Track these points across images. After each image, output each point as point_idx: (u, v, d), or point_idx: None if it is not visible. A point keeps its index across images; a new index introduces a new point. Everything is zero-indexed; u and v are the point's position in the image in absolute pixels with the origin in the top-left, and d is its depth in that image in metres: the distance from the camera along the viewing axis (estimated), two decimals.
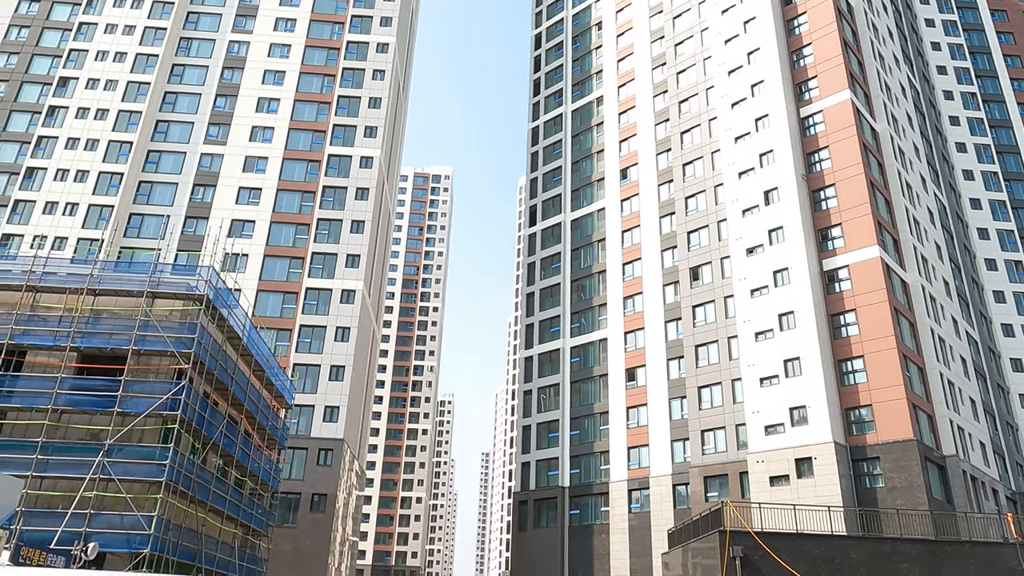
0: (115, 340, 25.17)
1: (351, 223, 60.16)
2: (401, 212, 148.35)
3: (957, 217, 65.74)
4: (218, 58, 66.38)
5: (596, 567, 54.41)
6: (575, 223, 67.95)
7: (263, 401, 33.73)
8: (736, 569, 22.03)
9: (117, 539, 22.58)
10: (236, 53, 66.65)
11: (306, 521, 50.65)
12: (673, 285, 57.54)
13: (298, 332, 56.43)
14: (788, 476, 43.68)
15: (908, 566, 22.20)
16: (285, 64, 66.10)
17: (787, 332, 46.73)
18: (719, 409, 50.79)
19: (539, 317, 66.71)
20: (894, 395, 43.16)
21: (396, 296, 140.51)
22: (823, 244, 49.38)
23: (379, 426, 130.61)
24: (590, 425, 59.44)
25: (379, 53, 67.66)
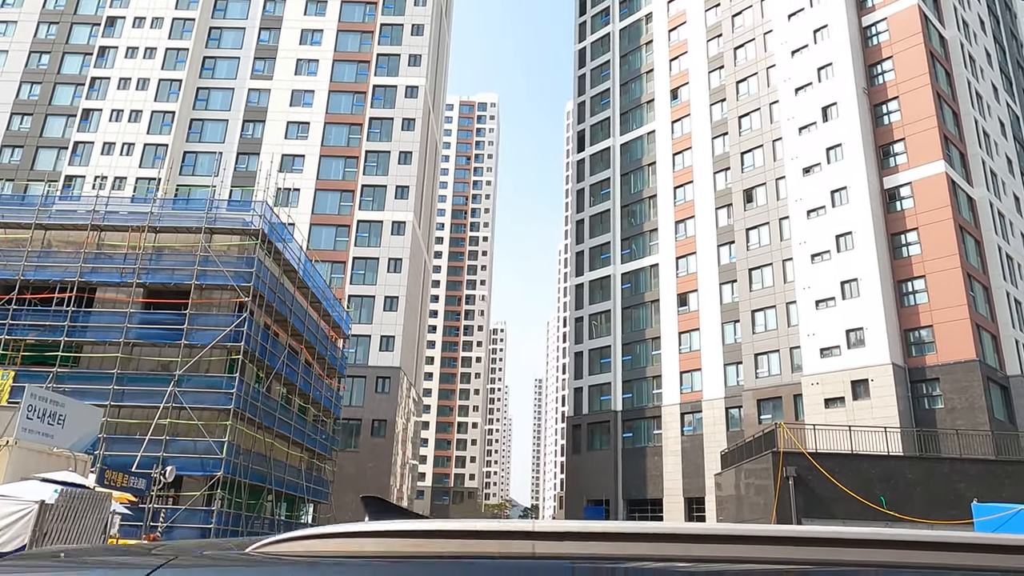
0: (177, 276, 26.08)
1: (399, 154, 60.15)
2: (448, 142, 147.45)
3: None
4: None
5: (649, 487, 55.52)
6: (624, 147, 66.60)
7: (321, 331, 34.73)
8: (789, 489, 22.23)
9: (192, 463, 23.96)
10: None
11: (367, 445, 52.66)
12: (726, 208, 56.36)
13: (351, 264, 57.42)
14: (843, 398, 43.34)
15: (966, 485, 22.05)
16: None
17: (844, 253, 45.56)
18: (773, 332, 50.31)
19: (589, 244, 66.37)
20: (957, 315, 42.03)
21: (446, 226, 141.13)
22: (884, 161, 47.47)
23: (434, 355, 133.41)
24: (642, 350, 59.64)
25: None
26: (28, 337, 25.41)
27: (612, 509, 57.29)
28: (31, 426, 14.48)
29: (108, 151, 59.61)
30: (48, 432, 15.03)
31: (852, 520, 22.39)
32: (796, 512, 22.08)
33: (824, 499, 22.50)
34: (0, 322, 25.38)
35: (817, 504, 22.52)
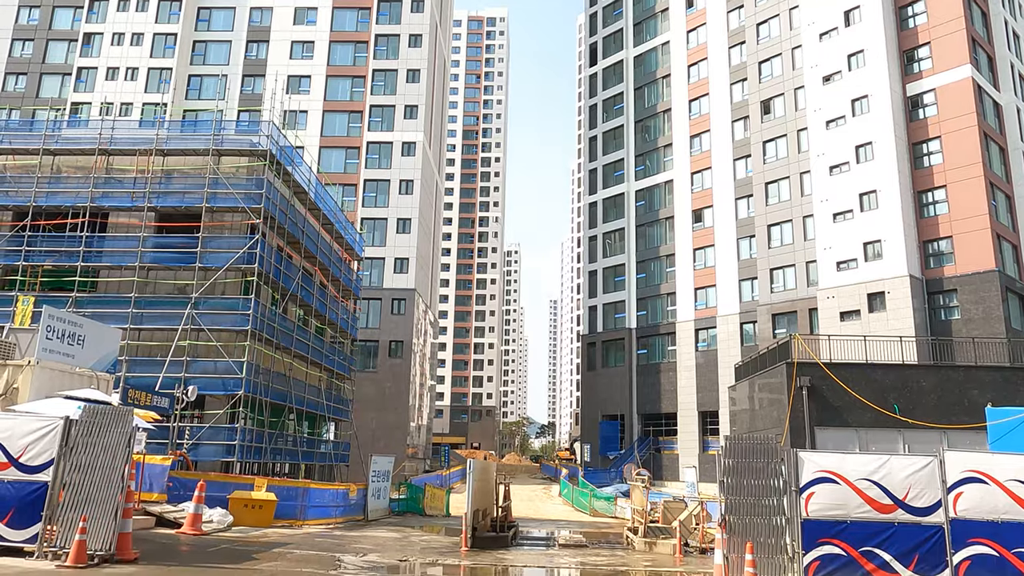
0: (188, 199, 25.97)
1: (407, 72, 58.79)
2: (457, 60, 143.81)
3: None
4: None
5: (664, 402, 56.35)
6: (638, 60, 64.65)
7: (334, 253, 34.75)
8: (803, 399, 22.42)
9: (213, 383, 24.44)
10: None
11: (385, 366, 53.53)
12: (743, 120, 55.02)
13: (363, 187, 57.03)
14: (859, 311, 43.24)
15: (979, 392, 22.12)
16: None
17: (864, 164, 44.59)
18: (789, 247, 49.87)
19: (602, 161, 65.35)
20: (977, 225, 41.37)
21: (457, 147, 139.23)
22: (908, 67, 45.83)
23: (449, 277, 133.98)
24: (656, 268, 59.47)
25: None
26: (45, 263, 25.61)
27: (627, 424, 58.38)
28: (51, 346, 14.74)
29: (112, 76, 58.66)
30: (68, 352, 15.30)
31: (865, 428, 22.66)
32: (809, 422, 22.34)
33: (837, 408, 22.70)
34: (16, 249, 25.56)
35: (831, 414, 22.75)
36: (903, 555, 11.19)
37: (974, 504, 11.29)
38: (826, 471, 11.52)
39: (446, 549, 17.19)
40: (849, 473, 11.50)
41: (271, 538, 17.05)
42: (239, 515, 19.17)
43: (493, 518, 20.85)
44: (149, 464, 18.30)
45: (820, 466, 11.58)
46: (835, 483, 11.44)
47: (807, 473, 11.53)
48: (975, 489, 11.37)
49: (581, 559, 16.60)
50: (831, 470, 11.52)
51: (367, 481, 24.81)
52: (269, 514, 19.77)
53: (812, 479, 11.50)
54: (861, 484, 11.40)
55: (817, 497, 11.42)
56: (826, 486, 11.45)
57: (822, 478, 11.48)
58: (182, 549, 14.45)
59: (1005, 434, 14.39)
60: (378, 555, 15.42)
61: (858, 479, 11.42)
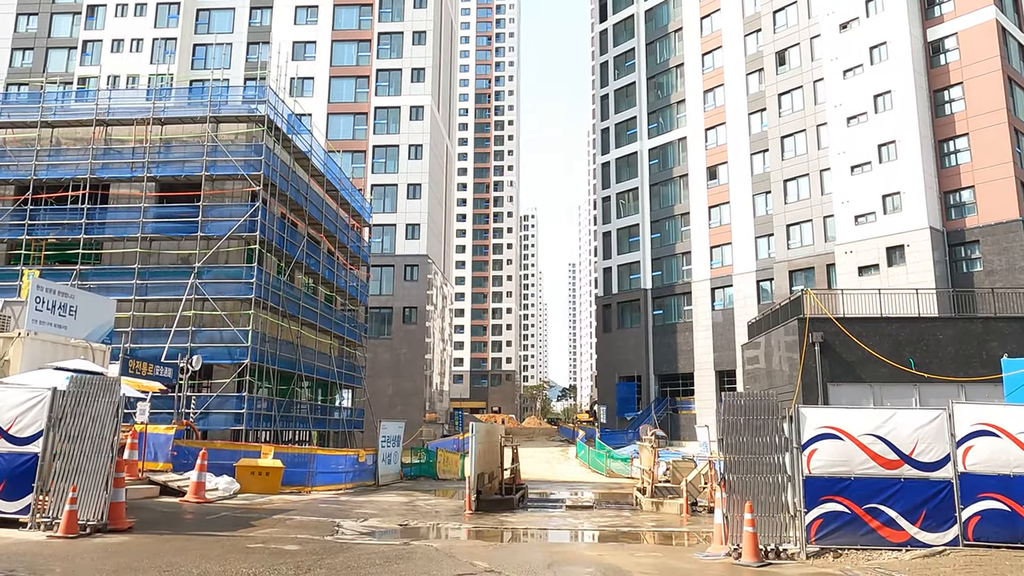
0: (188, 167, 25.70)
1: (412, 35, 57.76)
2: (467, 22, 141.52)
3: None
4: None
5: (680, 362, 55.95)
6: (649, 13, 62.98)
7: (341, 221, 34.46)
8: (815, 355, 21.91)
9: (219, 352, 24.41)
10: None
11: (400, 332, 53.53)
12: (757, 73, 53.54)
13: (372, 153, 56.48)
14: (878, 265, 42.32)
15: (998, 344, 21.46)
16: None
17: (883, 114, 43.24)
18: (806, 202, 48.80)
19: (615, 120, 64.16)
20: (1001, 173, 40.08)
21: (470, 112, 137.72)
22: (928, 11, 44.14)
23: (465, 243, 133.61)
24: (671, 227, 58.62)
25: None
26: (49, 236, 25.56)
27: (643, 385, 58.13)
28: (41, 317, 14.61)
29: (117, 48, 58.26)
30: (60, 323, 15.18)
31: (879, 383, 22.12)
32: (822, 378, 21.85)
33: (851, 364, 22.16)
34: (19, 223, 25.51)
35: (844, 369, 22.22)
36: (909, 511, 10.80)
37: (985, 458, 10.83)
38: (829, 427, 11.10)
39: (450, 513, 17.08)
40: (853, 429, 11.07)
41: (275, 504, 17.03)
42: (246, 482, 19.20)
43: (502, 481, 20.74)
44: (153, 434, 18.30)
45: (823, 422, 11.16)
46: (839, 439, 11.02)
47: (809, 429, 11.12)
48: (986, 442, 10.91)
49: (585, 520, 16.42)
50: (834, 426, 11.09)
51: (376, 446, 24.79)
52: (276, 481, 19.80)
53: (815, 435, 11.09)
54: (866, 440, 10.97)
55: (820, 454, 11.02)
56: (829, 442, 11.04)
57: (825, 434, 11.07)
58: (183, 517, 14.42)
59: (1021, 385, 13.86)
60: (379, 520, 15.31)
61: (862, 434, 10.99)
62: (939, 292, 30.01)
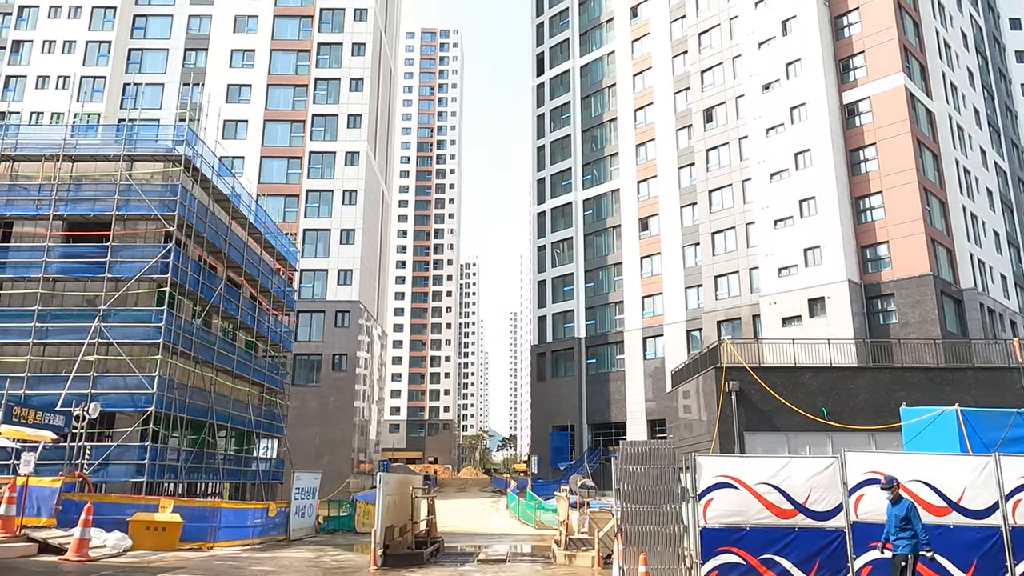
0: (99, 206, 24.73)
1: (350, 81, 57.91)
2: (410, 72, 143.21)
3: (994, 40, 61.29)
4: None
5: (613, 411, 56.00)
6: (584, 69, 64.75)
7: (265, 265, 33.64)
8: (731, 403, 22.09)
9: (122, 399, 23.18)
10: None
11: (329, 380, 52.26)
12: (686, 129, 55.29)
13: (305, 197, 55.85)
14: (800, 316, 43.48)
15: (906, 393, 22.04)
16: None
17: (803, 171, 45.01)
18: (733, 254, 50.06)
19: (550, 171, 65.17)
20: (912, 230, 41.95)
21: (411, 160, 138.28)
22: (844, 76, 46.52)
23: (404, 290, 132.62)
24: (604, 276, 59.31)
25: None
26: None
27: (577, 434, 57.90)
28: None
29: (42, 84, 56.71)
30: None
31: (794, 432, 22.40)
32: (738, 427, 22.01)
33: (767, 413, 22.42)
34: None
35: (760, 418, 22.45)
36: (804, 561, 10.72)
37: (876, 506, 10.87)
38: (725, 476, 11.01)
39: (354, 569, 16.33)
40: (749, 478, 11.01)
41: (166, 563, 16.00)
42: (140, 538, 18.03)
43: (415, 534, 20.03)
44: (35, 486, 17.08)
45: (719, 471, 11.07)
46: (734, 488, 10.94)
47: (706, 478, 11.01)
48: (877, 491, 10.96)
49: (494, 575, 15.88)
50: (730, 475, 11.02)
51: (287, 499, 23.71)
52: (174, 536, 18.66)
53: (711, 484, 10.98)
54: (761, 489, 10.91)
55: (716, 503, 10.91)
56: (726, 491, 10.95)
57: (721, 483, 10.97)
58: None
59: (918, 434, 14.12)
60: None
61: (758, 483, 10.94)
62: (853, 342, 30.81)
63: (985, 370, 23.54)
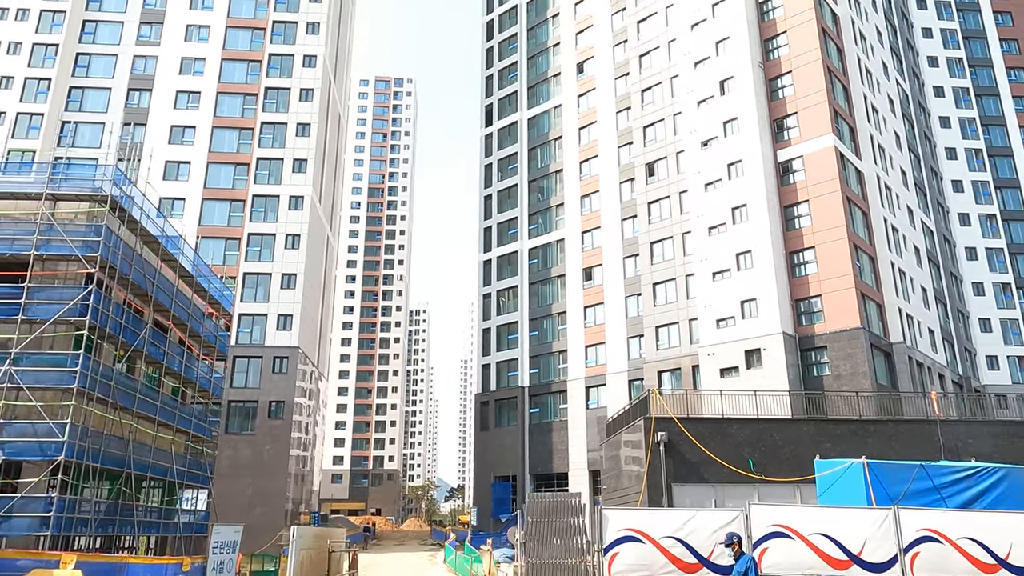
0: (16, 245, 23.88)
1: (296, 126, 57.84)
2: (363, 119, 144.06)
3: (919, 105, 64.55)
4: None
5: (556, 461, 55.57)
6: (531, 121, 65.96)
7: (196, 309, 32.80)
8: (660, 454, 22.08)
9: (30, 448, 22.05)
10: None
11: (264, 428, 50.81)
12: (630, 182, 56.47)
13: (247, 241, 55.02)
14: (738, 367, 44.10)
15: (831, 445, 22.38)
16: None
17: (740, 225, 46.21)
18: (673, 305, 50.76)
19: (497, 219, 65.66)
20: (843, 285, 43.20)
21: (362, 206, 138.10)
22: (778, 135, 48.28)
23: (351, 336, 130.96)
24: (548, 325, 59.48)
25: None
26: None
27: (519, 485, 57.17)
28: None
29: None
30: None
31: (721, 483, 22.46)
32: (666, 478, 21.97)
33: (694, 464, 22.46)
34: None
35: (688, 469, 22.47)
36: None
37: (778, 559, 10.87)
38: (631, 529, 10.90)
39: None
40: (654, 531, 10.91)
41: None
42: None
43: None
44: None
45: (625, 524, 10.96)
46: (640, 542, 10.82)
47: (612, 531, 10.88)
48: (781, 544, 10.97)
49: None
50: (636, 528, 10.91)
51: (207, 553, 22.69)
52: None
53: (617, 538, 10.85)
54: (666, 543, 10.82)
55: (622, 557, 10.76)
56: (631, 545, 10.82)
57: (627, 537, 10.85)
58: None
59: (830, 486, 14.25)
60: None
61: (663, 537, 10.85)
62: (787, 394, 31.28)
63: (906, 422, 24.08)
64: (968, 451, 22.20)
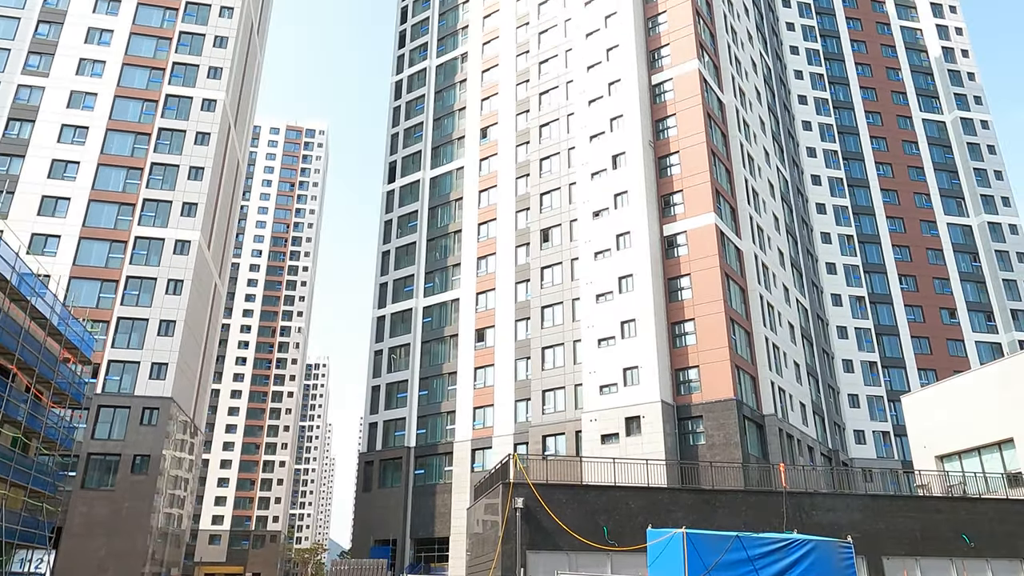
0: None
1: (189, 169, 56.30)
2: (271, 166, 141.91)
3: (798, 191, 68.98)
4: None
5: (438, 525, 54.29)
6: (434, 181, 66.60)
7: (48, 353, 30.80)
8: (516, 520, 21.89)
9: None
10: None
11: (126, 483, 47.59)
12: (525, 247, 57.46)
13: (125, 283, 52.49)
14: (618, 434, 44.72)
15: (682, 514, 22.78)
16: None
17: (626, 295, 47.55)
18: (560, 369, 51.32)
19: (394, 276, 65.27)
20: (719, 357, 44.83)
21: (264, 254, 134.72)
22: (665, 210, 50.40)
23: (242, 389, 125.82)
24: (438, 385, 58.92)
25: None
26: None
27: (399, 549, 55.44)
28: None
29: None
30: None
31: (576, 551, 22.42)
32: (521, 545, 21.75)
33: (551, 532, 22.37)
34: None
35: (544, 537, 22.35)
36: None
37: None
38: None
39: None
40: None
41: None
42: None
43: None
44: None
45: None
46: None
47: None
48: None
49: None
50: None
51: None
52: None
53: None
54: None
55: None
56: None
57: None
58: None
59: (658, 555, 14.44)
60: None
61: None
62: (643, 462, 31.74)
63: (755, 493, 24.86)
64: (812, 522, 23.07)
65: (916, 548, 24.36)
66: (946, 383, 34.14)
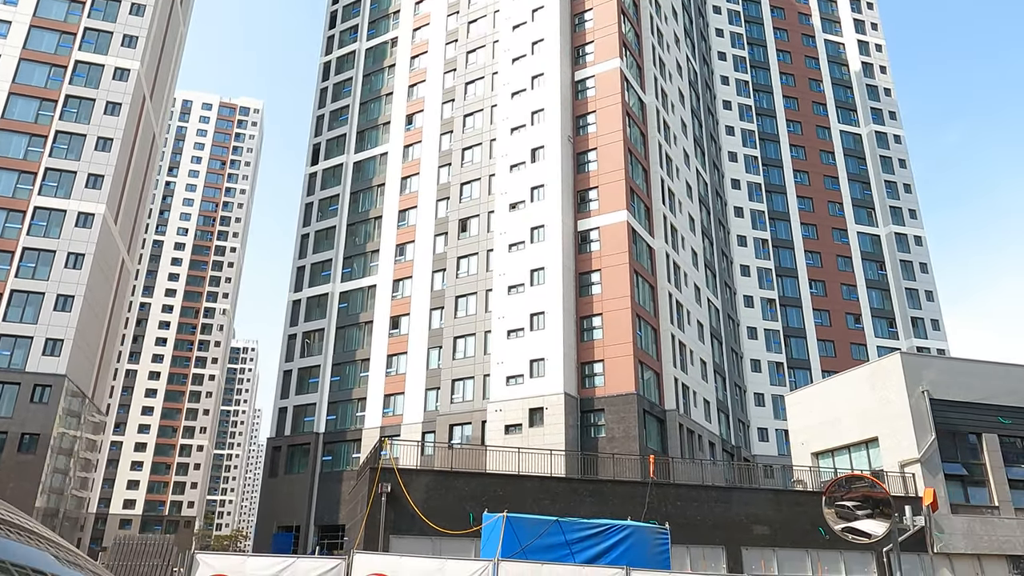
0: None
1: (97, 140, 54.31)
2: (202, 143, 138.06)
3: (717, 194, 70.64)
4: None
5: (342, 512, 53.82)
6: (357, 165, 65.83)
7: None
8: (382, 505, 21.92)
9: None
10: None
11: (10, 462, 45.81)
12: (443, 236, 57.33)
13: (20, 255, 50.40)
14: (521, 425, 45.14)
15: (550, 502, 23.19)
16: None
17: (537, 287, 47.95)
18: (470, 359, 51.46)
19: (311, 260, 64.34)
20: (623, 352, 45.64)
21: (190, 232, 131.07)
22: (581, 205, 50.96)
23: (160, 370, 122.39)
24: (351, 372, 58.42)
25: None
26: None
27: (302, 536, 54.82)
28: None
29: None
30: None
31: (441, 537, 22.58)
32: (384, 530, 21.79)
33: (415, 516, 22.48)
34: None
35: (409, 521, 22.44)
36: None
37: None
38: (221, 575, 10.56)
39: None
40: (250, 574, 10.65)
41: None
42: None
43: None
44: None
45: (215, 568, 10.62)
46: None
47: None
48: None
49: None
50: (226, 573, 10.59)
51: None
52: None
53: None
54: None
55: None
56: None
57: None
58: None
59: (488, 537, 14.68)
60: None
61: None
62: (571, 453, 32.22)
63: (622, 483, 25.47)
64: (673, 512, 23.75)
65: (775, 540, 25.35)
66: (823, 384, 35.56)
